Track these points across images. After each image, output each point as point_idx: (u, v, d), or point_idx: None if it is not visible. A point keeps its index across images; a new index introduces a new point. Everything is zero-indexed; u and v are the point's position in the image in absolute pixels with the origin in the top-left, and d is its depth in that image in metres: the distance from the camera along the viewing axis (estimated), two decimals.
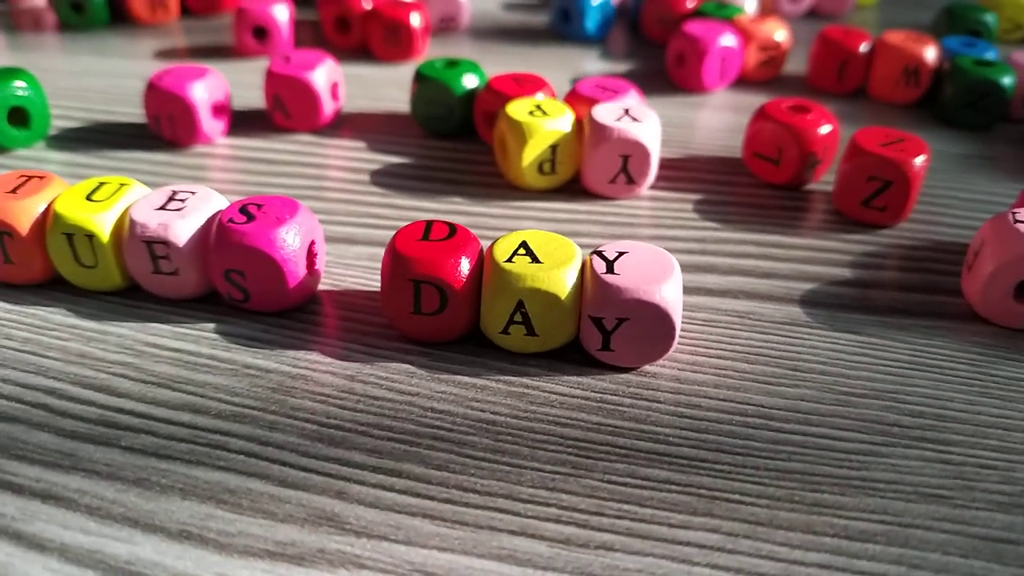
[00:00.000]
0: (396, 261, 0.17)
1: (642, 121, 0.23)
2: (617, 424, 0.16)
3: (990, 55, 0.30)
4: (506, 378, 0.17)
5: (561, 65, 0.34)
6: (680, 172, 0.26)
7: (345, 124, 0.29)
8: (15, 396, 0.17)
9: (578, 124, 0.24)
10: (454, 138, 0.28)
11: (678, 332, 0.17)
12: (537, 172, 0.24)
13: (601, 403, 0.17)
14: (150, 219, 0.18)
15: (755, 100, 0.31)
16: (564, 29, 0.36)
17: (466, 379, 0.17)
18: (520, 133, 0.23)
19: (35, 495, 0.15)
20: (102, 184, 0.20)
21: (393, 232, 0.22)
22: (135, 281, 0.19)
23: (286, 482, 0.15)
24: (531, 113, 0.23)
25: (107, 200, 0.19)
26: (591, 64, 0.34)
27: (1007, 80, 0.27)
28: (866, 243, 0.22)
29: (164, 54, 0.35)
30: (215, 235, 0.18)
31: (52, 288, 0.20)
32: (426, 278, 0.17)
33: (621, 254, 0.17)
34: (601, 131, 0.23)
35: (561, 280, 0.17)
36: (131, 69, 0.33)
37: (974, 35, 0.34)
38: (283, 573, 0.13)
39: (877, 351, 0.18)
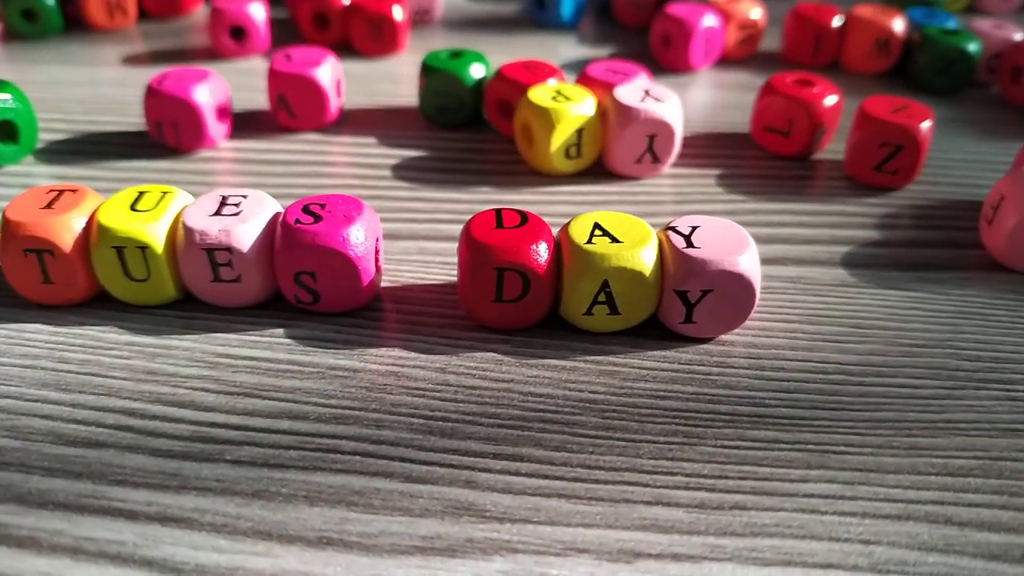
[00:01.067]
0: (477, 251, 0.17)
1: (665, 101, 0.24)
2: (712, 392, 0.17)
3: (951, 24, 0.32)
4: (593, 358, 0.18)
5: (541, 52, 0.34)
6: (691, 149, 0.27)
7: (347, 121, 0.28)
8: (94, 420, 0.16)
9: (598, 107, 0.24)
10: (462, 128, 0.28)
11: (758, 300, 0.18)
12: (564, 157, 0.24)
13: (691, 374, 0.17)
14: (209, 226, 0.18)
15: (738, 77, 0.32)
16: (539, 17, 0.37)
17: (554, 362, 0.18)
18: (548, 119, 0.23)
19: (151, 519, 0.14)
20: (143, 193, 0.19)
21: (433, 225, 0.22)
22: (189, 292, 0.19)
23: (411, 477, 0.15)
24: (554, 99, 0.24)
25: (154, 210, 0.18)
26: (570, 50, 0.35)
27: (973, 47, 0.29)
28: (883, 205, 0.24)
29: (133, 60, 0.33)
30: (282, 238, 0.18)
31: (92, 306, 0.19)
32: (510, 265, 0.17)
33: (694, 228, 0.18)
34: (628, 112, 0.23)
35: (644, 257, 0.17)
36: (104, 76, 0.31)
37: (926, 5, 0.37)
38: (438, 567, 0.13)
39: (923, 304, 0.20)
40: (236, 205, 0.18)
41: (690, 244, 0.17)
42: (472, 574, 0.13)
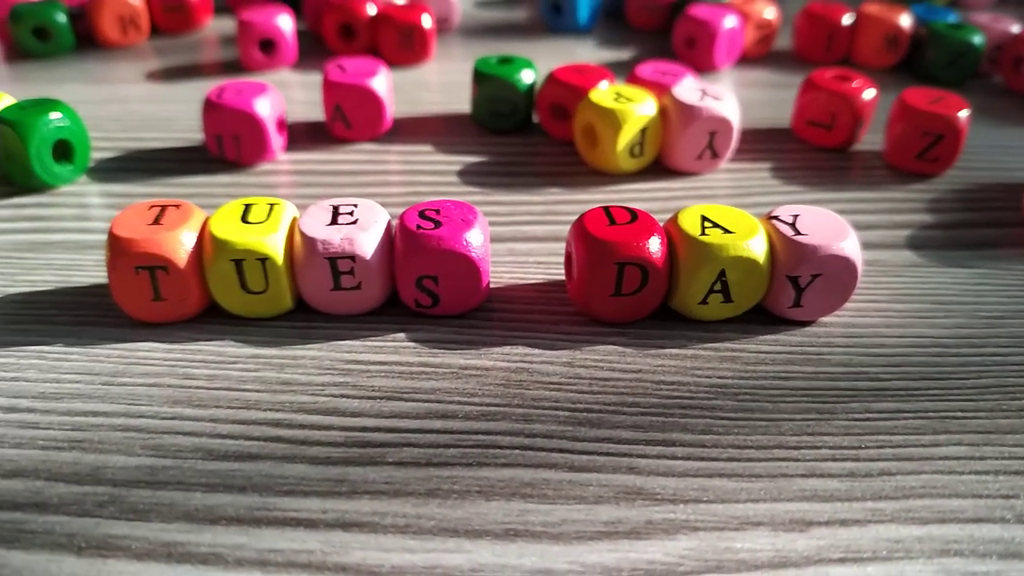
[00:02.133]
0: (596, 247, 0.18)
1: (722, 99, 0.25)
2: (829, 370, 0.18)
3: (951, 19, 0.34)
4: (710, 344, 0.18)
5: (561, 57, 0.35)
6: (738, 145, 0.28)
7: (398, 130, 0.28)
8: (240, 434, 0.16)
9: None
10: (512, 133, 0.28)
11: (859, 282, 0.19)
12: (629, 156, 0.25)
13: (804, 355, 0.18)
14: (331, 235, 0.18)
15: (758, 76, 0.34)
16: (555, 22, 0.37)
17: (675, 351, 0.18)
18: (614, 120, 0.24)
19: (332, 525, 0.14)
20: (250, 205, 0.19)
21: (516, 227, 0.23)
22: (305, 302, 0.19)
23: (575, 467, 0.15)
24: (616, 100, 0.24)
25: (268, 221, 0.18)
26: (590, 53, 0.36)
27: (978, 39, 0.31)
28: (927, 191, 0.25)
29: (156, 75, 0.33)
30: (404, 243, 0.18)
31: (199, 322, 0.19)
32: (631, 260, 0.18)
33: (796, 216, 0.19)
34: (690, 111, 0.24)
35: (757, 246, 0.18)
36: (132, 94, 0.31)
37: (921, 1, 0.39)
38: (628, 549, 0.14)
39: (990, 279, 0.21)
40: (350, 214, 0.19)
41: (797, 231, 0.18)
42: (662, 553, 0.14)
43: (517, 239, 0.22)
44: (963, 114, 0.25)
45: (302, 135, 0.28)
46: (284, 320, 0.19)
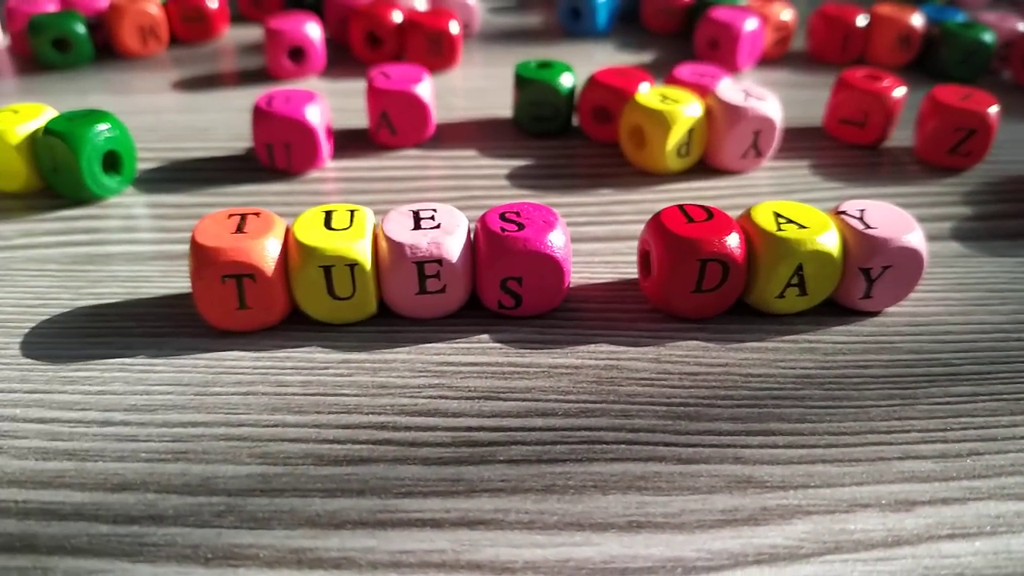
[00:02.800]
0: (678, 245, 0.18)
1: (765, 99, 0.25)
2: (903, 358, 0.18)
3: (959, 18, 0.35)
4: (788, 337, 0.19)
5: (582, 61, 0.35)
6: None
7: (439, 136, 0.28)
8: (347, 438, 0.16)
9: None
10: (552, 136, 0.28)
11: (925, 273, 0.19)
12: (676, 156, 0.25)
13: (878, 343, 0.19)
14: (419, 239, 0.18)
15: (779, 76, 0.34)
16: (574, 26, 0.38)
17: (755, 344, 0.19)
18: (663, 121, 0.24)
19: (458, 524, 0.14)
20: (331, 212, 0.19)
21: (575, 228, 0.23)
22: (388, 306, 0.19)
23: (683, 459, 0.16)
24: (663, 101, 0.25)
25: (352, 228, 0.18)
26: (610, 57, 0.36)
27: (989, 37, 0.33)
28: (961, 183, 0.26)
29: (184, 85, 0.32)
30: (489, 246, 0.18)
31: (280, 329, 0.19)
32: (713, 256, 0.18)
33: (862, 211, 0.19)
34: (736, 111, 0.25)
35: (832, 240, 0.19)
36: (162, 104, 0.31)
37: (927, 1, 0.40)
38: (749, 535, 0.14)
39: None
40: (431, 218, 0.19)
41: (867, 225, 0.19)
42: (781, 537, 0.14)
43: (579, 240, 0.23)
44: (993, 110, 0.26)
45: (344, 142, 0.28)
46: (365, 325, 0.19)
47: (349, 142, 0.28)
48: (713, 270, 0.18)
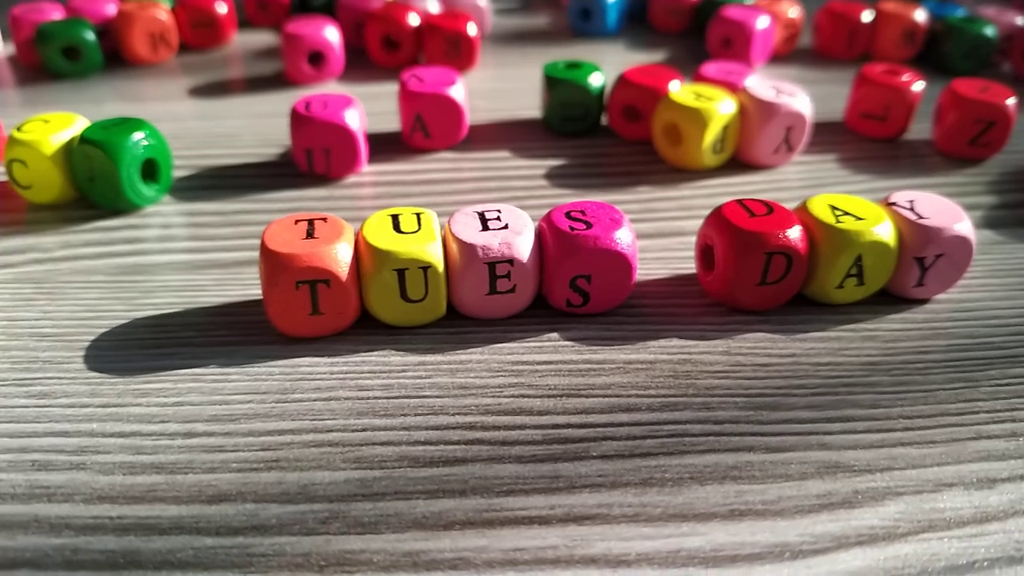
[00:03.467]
0: (743, 239, 0.19)
1: (796, 95, 0.26)
2: (958, 342, 0.19)
3: (960, 13, 0.36)
4: (848, 326, 0.19)
5: (598, 60, 0.35)
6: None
7: (470, 138, 0.28)
8: (437, 439, 0.16)
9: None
10: (581, 136, 0.29)
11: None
12: (712, 153, 0.26)
13: (933, 330, 0.19)
14: (490, 240, 0.18)
15: (789, 72, 0.35)
16: (584, 27, 0.38)
17: (818, 334, 0.19)
18: (699, 119, 0.25)
19: (565, 520, 0.14)
20: (397, 216, 0.19)
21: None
22: (456, 307, 0.19)
23: (771, 448, 0.16)
24: (697, 99, 0.25)
25: (422, 231, 0.18)
26: (622, 56, 0.37)
27: (990, 31, 0.34)
28: (983, 173, 0.27)
29: (201, 91, 0.32)
30: (558, 244, 0.18)
31: (349, 334, 0.19)
32: (779, 249, 0.19)
33: (912, 201, 0.20)
34: (769, 108, 0.25)
35: (888, 231, 0.19)
36: (181, 111, 0.30)
37: None
38: (846, 517, 0.15)
39: None
40: (498, 219, 0.19)
41: (919, 215, 0.19)
42: (877, 519, 0.15)
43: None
44: (1011, 101, 0.26)
45: (375, 146, 0.28)
46: (434, 327, 0.19)
47: (380, 146, 0.28)
48: (778, 263, 0.19)
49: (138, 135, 0.23)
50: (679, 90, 0.26)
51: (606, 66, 0.30)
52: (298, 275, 0.18)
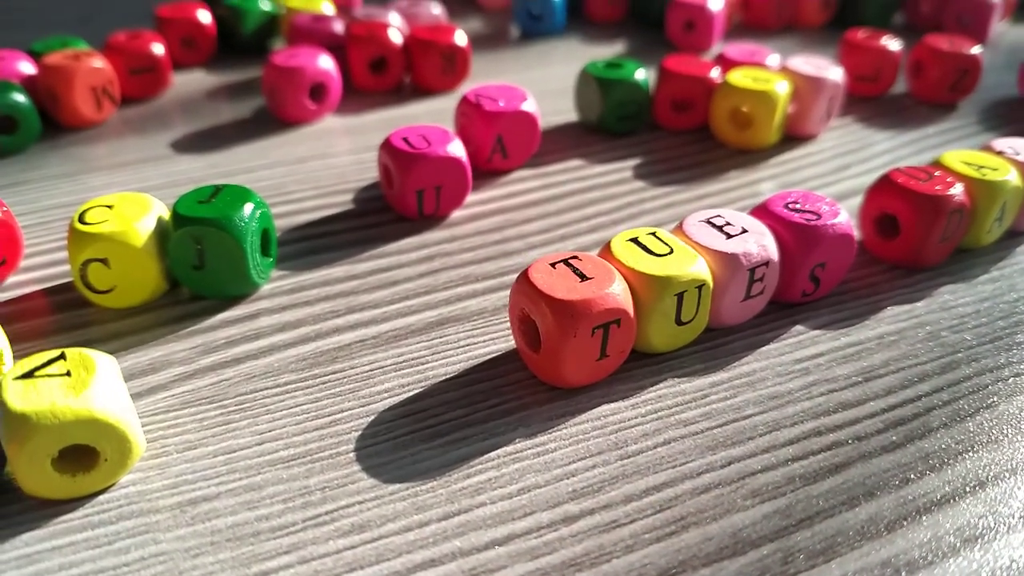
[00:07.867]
0: (927, 203, 0.20)
1: (829, 68, 0.28)
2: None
3: None
4: (1008, 262, 0.22)
5: (566, 58, 0.36)
6: None
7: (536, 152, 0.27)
8: (801, 452, 0.16)
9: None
10: (632, 133, 0.29)
11: None
12: (776, 132, 0.27)
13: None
14: (748, 247, 0.18)
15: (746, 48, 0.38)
16: (535, 28, 0.38)
17: (987, 276, 0.21)
18: (768, 101, 0.26)
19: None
20: (635, 238, 0.18)
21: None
22: (711, 320, 0.19)
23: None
24: (756, 82, 0.27)
25: (677, 250, 0.18)
26: (586, 52, 0.37)
27: None
28: (971, 112, 0.31)
29: (190, 145, 0.27)
30: (798, 238, 0.19)
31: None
32: (958, 207, 0.20)
33: (1011, 146, 0.23)
34: (817, 82, 0.27)
35: (1015, 176, 0.22)
36: (190, 170, 0.26)
37: None
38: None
39: None
40: (730, 224, 0.19)
41: None
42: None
43: None
44: (977, 50, 0.31)
45: None
46: (683, 350, 0.19)
47: None
48: (955, 221, 0.21)
49: (249, 205, 0.19)
50: (735, 77, 0.27)
51: (575, 63, 0.30)
52: (596, 320, 0.16)
